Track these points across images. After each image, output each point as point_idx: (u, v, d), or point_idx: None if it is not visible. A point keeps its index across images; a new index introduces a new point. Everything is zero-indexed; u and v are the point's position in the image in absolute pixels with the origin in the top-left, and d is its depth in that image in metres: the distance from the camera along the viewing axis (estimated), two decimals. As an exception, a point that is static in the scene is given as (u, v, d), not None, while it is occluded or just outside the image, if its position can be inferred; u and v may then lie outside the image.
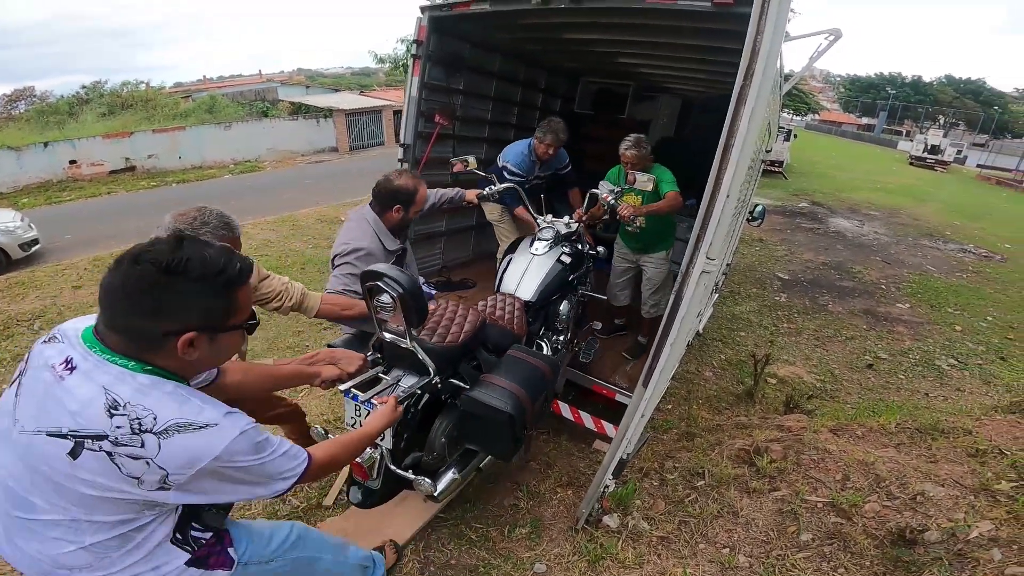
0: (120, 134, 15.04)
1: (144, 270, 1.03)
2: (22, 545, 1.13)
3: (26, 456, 1.07)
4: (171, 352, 1.09)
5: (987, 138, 42.65)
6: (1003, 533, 1.85)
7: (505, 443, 2.08)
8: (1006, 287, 8.25)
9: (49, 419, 1.05)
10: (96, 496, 1.06)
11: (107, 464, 1.03)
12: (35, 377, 1.11)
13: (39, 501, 1.08)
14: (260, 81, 31.23)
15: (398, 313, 1.88)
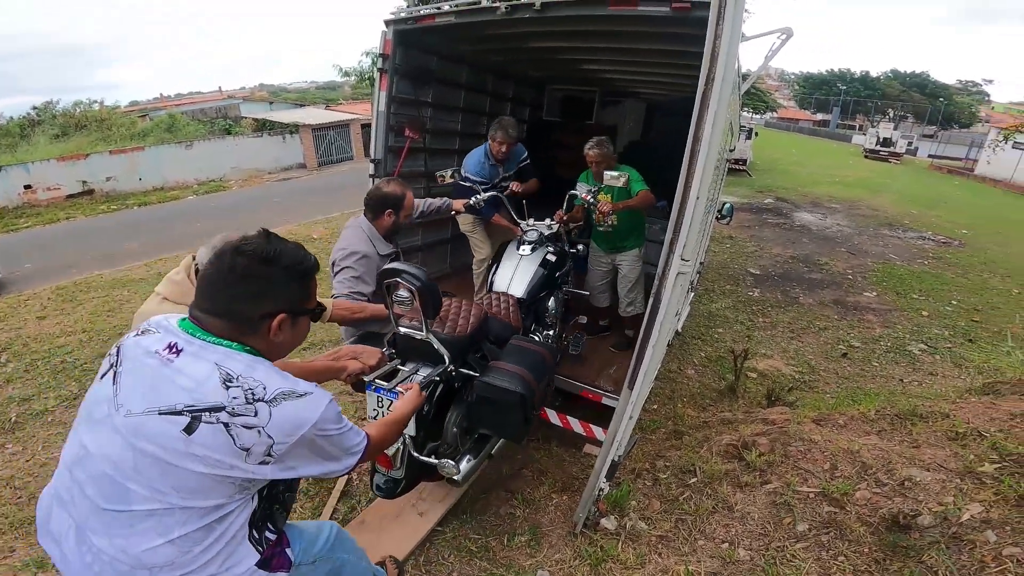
0: (75, 156, 14.50)
1: (247, 260, 1.17)
2: (102, 545, 1.14)
3: (134, 438, 1.11)
4: (263, 334, 1.22)
5: (935, 129, 44.50)
6: (994, 514, 1.90)
7: (516, 424, 2.23)
8: (966, 271, 8.59)
9: (161, 399, 1.11)
10: (202, 475, 1.11)
11: (223, 436, 1.11)
12: (137, 364, 1.17)
13: (137, 488, 1.11)
14: (221, 98, 30.68)
15: (415, 306, 2.06)
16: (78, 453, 1.19)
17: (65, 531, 1.20)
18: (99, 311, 5.69)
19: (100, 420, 1.16)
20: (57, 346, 4.82)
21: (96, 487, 1.14)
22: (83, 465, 1.17)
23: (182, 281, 1.90)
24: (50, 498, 1.26)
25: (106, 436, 1.14)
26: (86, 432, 1.19)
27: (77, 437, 1.21)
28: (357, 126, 21.50)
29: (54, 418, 3.74)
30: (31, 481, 3.06)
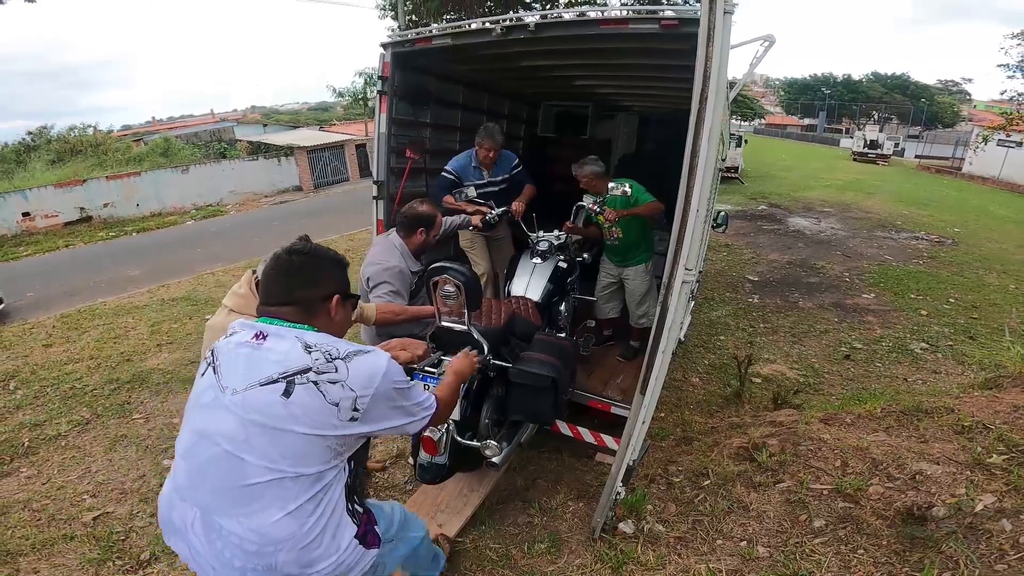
0: (72, 182, 14.55)
1: (300, 256, 1.43)
2: (230, 527, 1.26)
3: (242, 410, 1.27)
4: (324, 316, 1.43)
5: (920, 129, 45.05)
6: (1007, 504, 1.95)
7: (548, 407, 2.51)
8: (962, 269, 8.70)
9: (258, 374, 1.28)
10: (305, 437, 1.26)
11: (315, 393, 1.26)
12: (232, 355, 1.34)
13: (252, 459, 1.25)
14: (214, 121, 30.83)
15: (460, 300, 2.36)
16: (191, 440, 1.33)
17: (189, 522, 1.31)
18: (105, 338, 5.72)
19: (209, 404, 1.32)
20: (65, 373, 4.85)
21: (215, 468, 1.28)
22: (199, 449, 1.30)
23: (246, 294, 2.04)
24: (169, 493, 1.38)
25: (218, 416, 1.29)
26: (197, 418, 1.34)
27: (188, 427, 1.36)
28: (352, 147, 21.67)
29: (67, 442, 3.76)
30: (48, 504, 3.09)
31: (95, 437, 3.81)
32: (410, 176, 4.21)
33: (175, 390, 4.50)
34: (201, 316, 6.33)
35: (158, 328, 5.99)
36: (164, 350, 5.37)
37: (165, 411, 4.17)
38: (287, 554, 1.28)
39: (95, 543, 2.72)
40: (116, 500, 3.10)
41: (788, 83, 66.32)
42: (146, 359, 5.15)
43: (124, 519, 2.92)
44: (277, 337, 1.33)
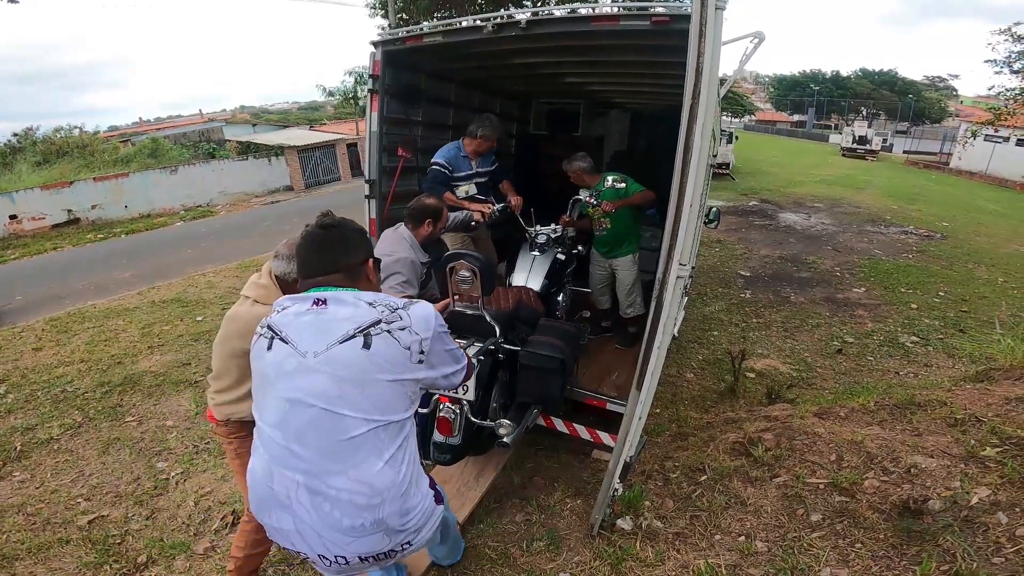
0: (59, 184, 14.30)
1: (334, 229, 1.53)
2: (339, 483, 1.33)
3: (330, 368, 1.33)
4: (364, 279, 1.55)
5: (908, 125, 45.45)
6: (1002, 497, 1.98)
7: (556, 389, 2.64)
8: (951, 263, 8.79)
9: (334, 334, 1.35)
10: (389, 384, 1.36)
11: (390, 341, 1.37)
12: (297, 324, 1.40)
13: (348, 411, 1.33)
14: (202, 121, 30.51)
15: (476, 284, 2.53)
16: (282, 409, 1.36)
17: (293, 489, 1.35)
18: (95, 341, 5.66)
19: (293, 370, 1.36)
20: (56, 376, 4.79)
21: (315, 428, 1.34)
22: (294, 415, 1.35)
23: (267, 284, 2.02)
24: (265, 466, 1.40)
25: (309, 379, 1.34)
26: (284, 387, 1.36)
27: (275, 398, 1.38)
28: (343, 146, 21.53)
29: (60, 446, 3.72)
30: (43, 508, 3.06)
31: (88, 440, 3.77)
32: (402, 175, 4.19)
33: (167, 392, 4.46)
34: (192, 317, 6.28)
35: (149, 330, 5.93)
36: (155, 352, 5.32)
37: (158, 413, 4.13)
38: (391, 504, 1.38)
39: (91, 546, 2.70)
40: (111, 503, 3.07)
41: (777, 80, 66.71)
42: (137, 361, 5.10)
43: (119, 522, 2.89)
44: (337, 300, 1.41)
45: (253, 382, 1.46)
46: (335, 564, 1.41)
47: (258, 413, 1.43)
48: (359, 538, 1.37)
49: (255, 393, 1.46)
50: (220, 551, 2.64)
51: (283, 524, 1.39)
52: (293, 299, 1.46)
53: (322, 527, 1.35)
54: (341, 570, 1.44)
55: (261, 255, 9.40)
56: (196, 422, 3.96)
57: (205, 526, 2.84)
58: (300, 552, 1.42)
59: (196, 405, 4.19)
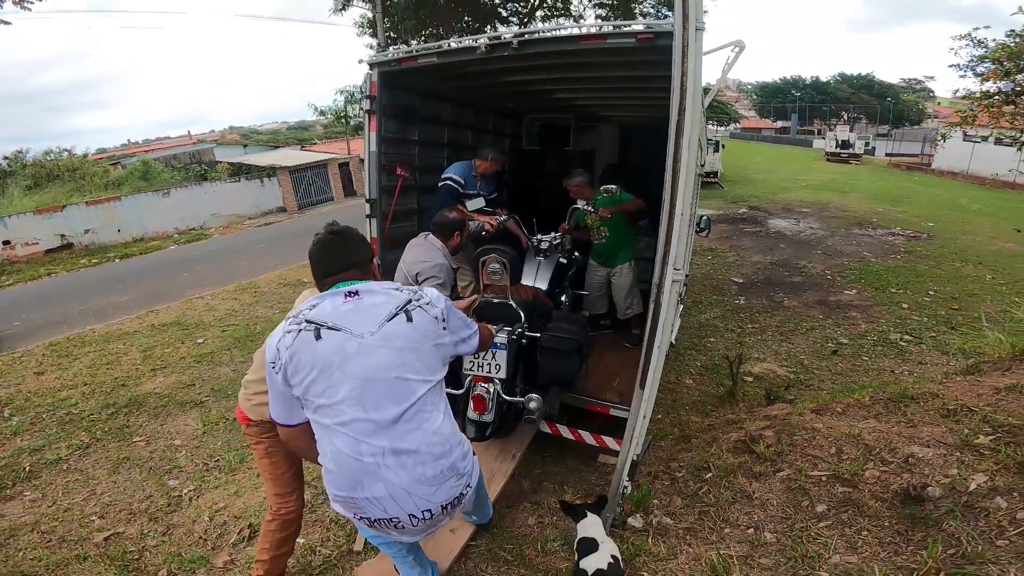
0: (51, 208, 14.20)
1: (345, 233, 1.79)
2: (417, 438, 1.58)
3: (389, 342, 1.56)
4: (372, 272, 1.78)
5: (888, 128, 46.25)
6: (999, 482, 2.06)
7: (574, 369, 2.95)
8: (939, 262, 8.99)
9: (379, 315, 1.58)
10: (432, 348, 1.64)
11: (423, 313, 1.63)
12: (339, 312, 1.58)
13: (412, 375, 1.58)
14: (192, 142, 30.62)
15: (505, 275, 2.92)
16: (358, 386, 1.54)
17: (380, 456, 1.55)
18: (97, 364, 5.68)
19: (357, 351, 1.54)
20: (60, 399, 4.81)
21: (392, 396, 1.56)
22: (371, 389, 1.55)
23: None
24: (350, 443, 1.55)
25: (375, 355, 1.55)
26: (354, 367, 1.54)
27: (347, 379, 1.54)
28: (335, 166, 21.58)
29: (69, 466, 3.75)
30: (57, 525, 3.09)
31: (97, 460, 3.80)
32: (401, 193, 4.29)
33: (173, 413, 4.49)
34: (192, 340, 6.31)
35: (150, 353, 5.95)
36: (159, 374, 5.35)
37: (165, 433, 4.16)
38: (456, 449, 1.67)
39: (109, 563, 2.73)
40: (125, 520, 3.10)
41: (760, 87, 67.70)
42: (141, 383, 5.13)
43: (136, 539, 2.93)
44: (368, 290, 1.63)
45: (305, 374, 1.55)
46: (422, 521, 1.64)
47: (324, 398, 1.55)
48: (440, 486, 1.62)
49: (314, 385, 1.55)
50: (240, 564, 2.68)
51: (376, 492, 1.57)
52: (322, 296, 1.64)
53: (410, 484, 1.57)
54: (427, 526, 1.68)
55: (259, 276, 9.43)
56: (204, 441, 4.00)
57: (222, 540, 2.88)
58: (392, 518, 1.61)
59: (203, 424, 4.23)
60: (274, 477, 2.25)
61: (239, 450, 3.79)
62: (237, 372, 5.26)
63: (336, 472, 1.59)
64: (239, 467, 3.58)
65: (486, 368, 2.84)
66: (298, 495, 2.30)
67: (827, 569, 2.02)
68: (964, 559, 1.86)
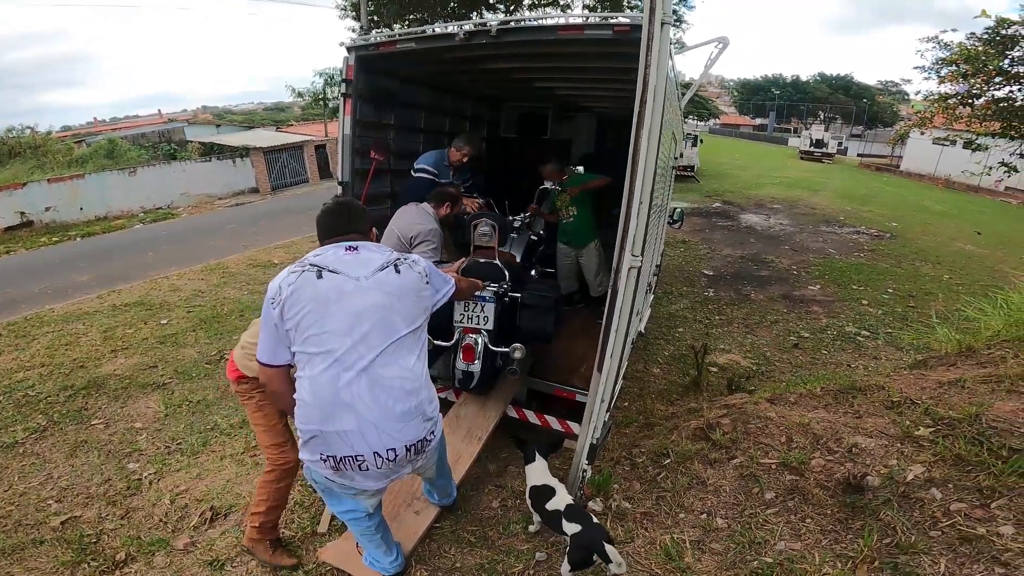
0: (12, 185, 13.65)
1: (347, 204, 2.07)
2: (391, 373, 1.77)
3: (380, 287, 1.80)
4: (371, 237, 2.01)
5: (862, 129, 47.27)
6: (936, 474, 2.16)
7: (550, 325, 3.20)
8: (899, 261, 9.29)
9: (373, 265, 1.82)
10: (416, 299, 1.88)
11: (408, 269, 1.89)
12: (342, 260, 1.81)
13: (397, 318, 1.82)
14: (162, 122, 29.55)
15: (494, 238, 3.30)
16: (350, 319, 1.74)
17: (355, 384, 1.73)
18: (56, 345, 5.52)
19: (353, 291, 1.77)
20: (16, 381, 4.67)
21: (378, 331, 1.77)
22: (360, 322, 1.75)
23: None
24: (330, 372, 1.72)
25: (367, 295, 1.78)
26: (349, 303, 1.75)
27: (342, 312, 1.74)
28: (311, 148, 21.17)
29: (25, 449, 3.65)
30: (12, 510, 3.02)
31: (54, 444, 3.71)
32: (374, 177, 4.25)
33: (134, 395, 4.40)
34: (156, 320, 6.18)
35: (111, 334, 5.81)
36: (120, 356, 5.23)
37: (125, 416, 4.08)
38: (425, 390, 1.87)
39: (66, 546, 2.68)
40: (83, 504, 3.05)
41: (741, 84, 68.41)
42: (101, 365, 5.01)
43: (93, 522, 2.88)
44: (364, 247, 1.88)
45: (301, 307, 1.73)
46: (386, 462, 1.79)
47: (316, 328, 1.73)
48: (407, 423, 1.79)
49: (307, 316, 1.73)
50: (200, 546, 2.67)
51: (346, 425, 1.72)
52: (326, 248, 1.87)
53: (380, 418, 1.75)
54: (389, 470, 1.83)
55: (228, 257, 9.25)
56: (166, 423, 3.94)
57: (183, 523, 2.85)
58: (358, 455, 1.75)
59: (165, 407, 4.16)
60: (268, 428, 2.40)
61: (202, 433, 3.75)
62: (201, 354, 5.18)
63: (311, 404, 1.74)
64: (201, 450, 3.55)
65: (475, 320, 3.10)
66: (292, 444, 2.41)
67: (772, 555, 2.11)
68: (898, 548, 1.95)
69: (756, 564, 2.10)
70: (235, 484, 3.16)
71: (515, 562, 2.45)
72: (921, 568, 1.85)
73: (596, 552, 2.01)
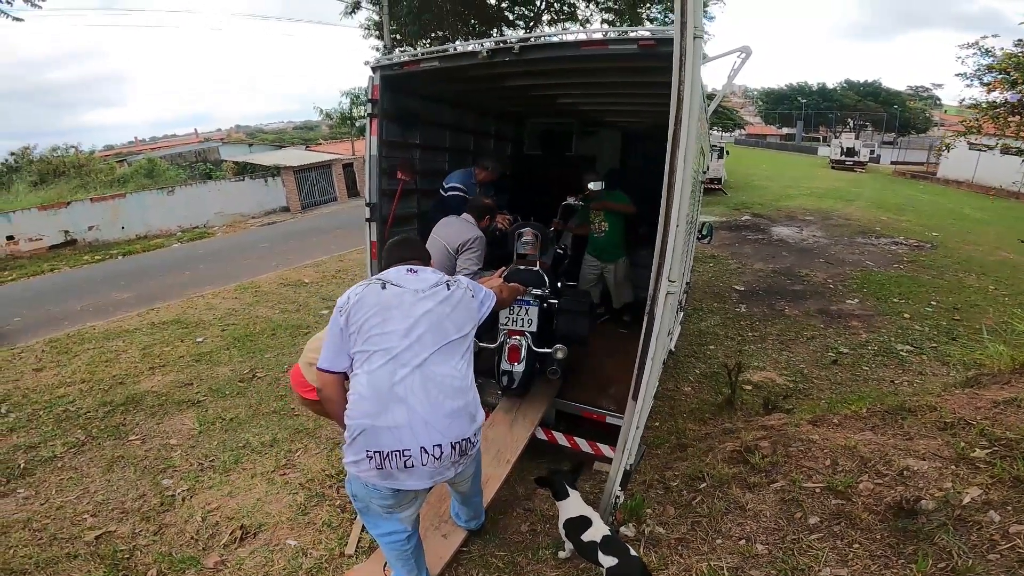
0: (56, 204, 14.25)
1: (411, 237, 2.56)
2: (441, 371, 1.93)
3: (435, 299, 2.02)
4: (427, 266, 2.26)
5: (894, 136, 46.09)
6: (994, 496, 2.05)
7: (585, 328, 3.48)
8: (941, 272, 8.94)
9: (429, 283, 2.06)
10: (464, 311, 2.09)
11: (458, 286, 2.13)
12: (404, 277, 2.07)
13: (449, 324, 2.01)
14: (198, 141, 30.66)
15: (536, 245, 3.62)
16: (408, 322, 1.93)
17: (409, 379, 1.87)
18: (96, 361, 5.68)
19: (412, 301, 1.98)
20: (57, 396, 4.81)
21: (432, 333, 1.95)
22: (419, 325, 1.94)
23: None
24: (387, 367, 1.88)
25: (425, 303, 1.99)
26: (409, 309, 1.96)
27: (402, 316, 1.94)
28: (339, 166, 21.64)
29: (63, 464, 3.74)
30: (49, 523, 3.08)
31: (91, 458, 3.80)
32: (401, 197, 4.28)
33: (170, 412, 4.48)
34: (192, 339, 6.31)
35: (149, 351, 5.96)
36: (157, 373, 5.35)
37: (161, 432, 4.16)
38: (473, 393, 2.01)
39: (99, 561, 2.72)
40: (117, 519, 3.09)
41: (765, 93, 67.50)
42: (139, 382, 5.13)
43: (127, 538, 2.92)
44: (423, 269, 2.14)
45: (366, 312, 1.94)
46: (431, 458, 1.86)
47: (378, 328, 1.92)
48: (454, 420, 1.91)
49: (371, 319, 1.93)
50: (230, 565, 2.68)
51: (398, 419, 1.83)
52: (390, 269, 2.14)
53: (430, 412, 1.86)
54: (433, 469, 1.88)
55: (260, 276, 9.44)
56: (200, 440, 3.99)
57: (214, 541, 2.87)
58: (405, 450, 1.83)
59: (199, 424, 4.22)
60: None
61: (234, 450, 3.79)
62: (234, 372, 5.27)
63: (367, 396, 1.86)
64: (233, 468, 3.58)
65: (519, 323, 3.33)
66: None
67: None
68: (954, 573, 1.85)
69: (798, 592, 2.00)
70: (265, 503, 3.17)
71: (545, 590, 2.38)
72: (979, 591, 1.74)
73: None
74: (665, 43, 2.53)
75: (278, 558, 2.71)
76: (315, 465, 3.55)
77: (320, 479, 3.38)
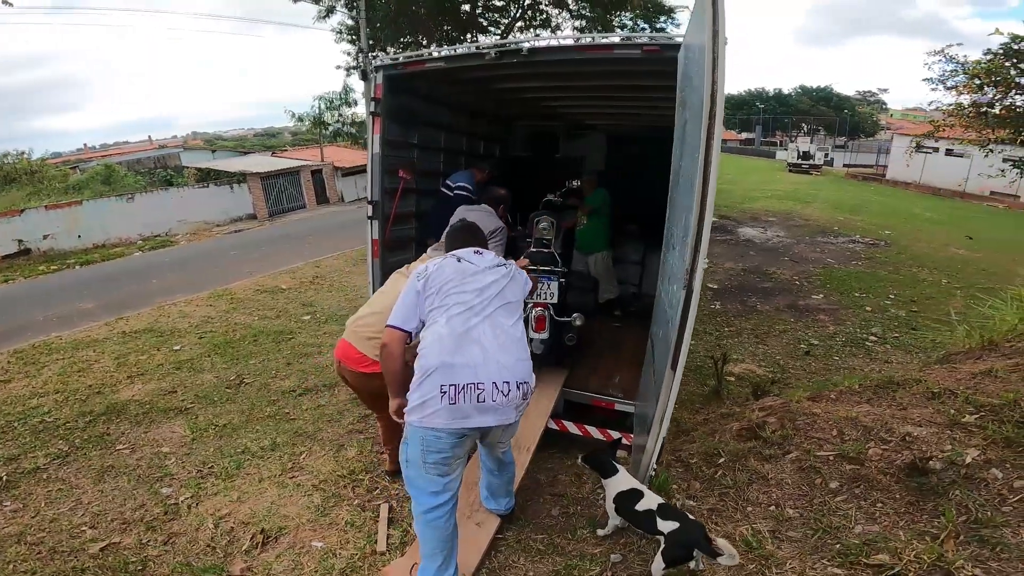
0: (9, 212, 13.56)
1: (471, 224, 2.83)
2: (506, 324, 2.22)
3: (495, 272, 2.36)
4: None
5: (845, 139, 48.16)
6: (992, 456, 2.27)
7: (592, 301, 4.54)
8: (897, 268, 9.46)
9: (492, 262, 2.41)
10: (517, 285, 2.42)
11: (514, 268, 2.47)
12: (470, 256, 2.42)
13: (507, 291, 2.34)
14: (154, 147, 29.62)
15: (551, 231, 4.03)
16: (479, 286, 2.26)
17: (481, 326, 2.16)
18: (68, 371, 5.47)
19: (479, 271, 2.33)
20: (31, 407, 4.61)
21: (497, 296, 2.27)
22: (487, 290, 2.26)
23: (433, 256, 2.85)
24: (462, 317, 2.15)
25: (491, 275, 2.33)
26: (474, 281, 2.28)
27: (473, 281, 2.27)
28: (308, 173, 21.21)
29: (49, 475, 3.60)
30: (45, 536, 2.97)
31: (79, 469, 3.66)
32: (402, 196, 4.31)
33: (157, 420, 4.36)
34: (169, 347, 6.14)
35: (124, 360, 5.76)
36: (136, 382, 5.19)
37: (150, 440, 4.04)
38: (528, 348, 2.29)
39: (110, 573, 2.64)
40: (120, 530, 3.00)
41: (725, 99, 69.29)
42: (118, 391, 4.97)
43: (135, 548, 2.83)
44: (484, 252, 2.49)
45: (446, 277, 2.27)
46: (501, 394, 2.07)
47: (456, 291, 2.23)
48: (519, 362, 2.17)
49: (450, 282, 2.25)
50: (258, 571, 2.63)
51: (473, 356, 2.08)
52: (459, 250, 2.47)
53: (499, 353, 2.12)
54: (502, 405, 2.09)
55: (233, 283, 9.22)
56: (194, 448, 3.90)
57: (233, 547, 2.81)
58: (479, 382, 2.04)
59: (191, 431, 4.12)
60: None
61: (233, 456, 3.72)
62: (220, 379, 5.15)
63: (446, 335, 2.10)
64: (236, 473, 3.51)
65: (543, 296, 3.71)
66: None
67: (855, 537, 2.17)
68: (977, 523, 2.05)
69: (839, 547, 2.16)
70: (280, 507, 3.12)
71: (591, 566, 2.47)
72: (1005, 538, 1.95)
73: (698, 547, 2.04)
74: (670, 48, 2.68)
75: (307, 561, 2.68)
76: (324, 467, 3.52)
77: (333, 480, 3.36)
